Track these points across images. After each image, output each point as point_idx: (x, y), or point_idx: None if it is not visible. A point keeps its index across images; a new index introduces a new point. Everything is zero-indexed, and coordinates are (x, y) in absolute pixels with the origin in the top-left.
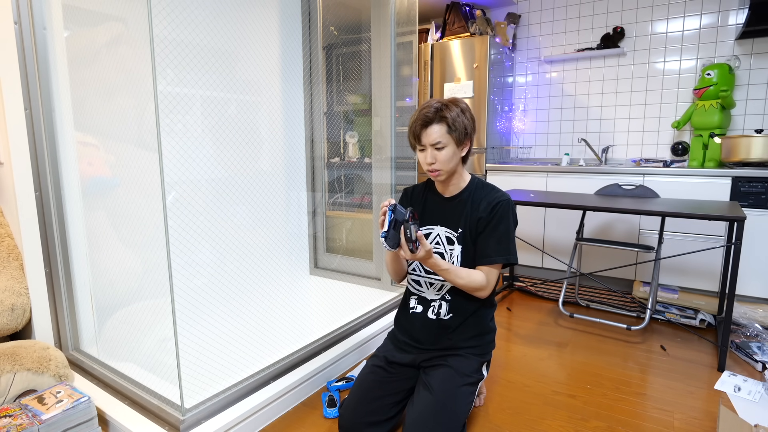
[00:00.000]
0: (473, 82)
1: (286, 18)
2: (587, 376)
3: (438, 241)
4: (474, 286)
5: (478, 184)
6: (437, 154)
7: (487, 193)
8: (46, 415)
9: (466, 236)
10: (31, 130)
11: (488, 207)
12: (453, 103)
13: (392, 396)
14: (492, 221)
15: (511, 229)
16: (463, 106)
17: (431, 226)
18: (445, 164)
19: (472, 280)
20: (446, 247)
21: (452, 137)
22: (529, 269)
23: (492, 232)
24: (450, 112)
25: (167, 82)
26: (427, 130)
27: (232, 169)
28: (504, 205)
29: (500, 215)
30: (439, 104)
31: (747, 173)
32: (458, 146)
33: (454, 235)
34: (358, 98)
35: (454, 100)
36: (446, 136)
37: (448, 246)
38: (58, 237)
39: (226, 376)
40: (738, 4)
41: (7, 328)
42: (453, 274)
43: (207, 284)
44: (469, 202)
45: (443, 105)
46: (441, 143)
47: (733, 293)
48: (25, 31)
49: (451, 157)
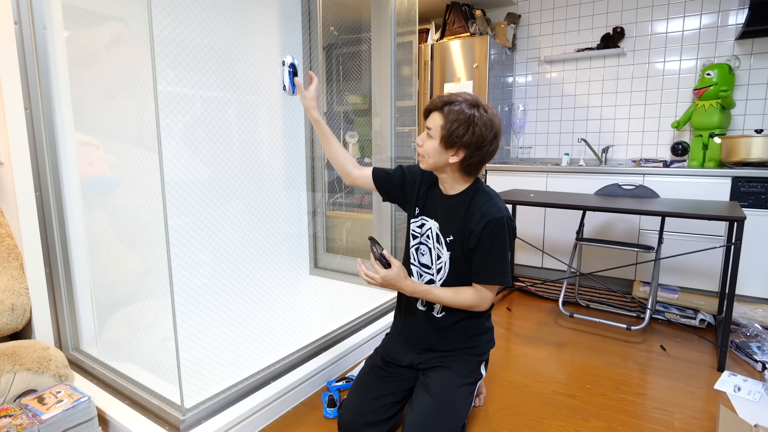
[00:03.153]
0: (473, 82)
1: (286, 18)
2: (587, 376)
3: (429, 234)
4: (466, 304)
5: (478, 190)
6: (426, 140)
7: (483, 203)
8: (46, 415)
9: (456, 245)
10: (31, 130)
11: (481, 222)
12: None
13: (391, 396)
14: (486, 241)
15: (506, 252)
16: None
17: (427, 217)
18: (427, 154)
19: (460, 299)
20: (434, 243)
21: (441, 134)
22: (529, 269)
23: (487, 254)
24: (458, 113)
25: (167, 82)
26: (433, 113)
27: (232, 169)
28: (498, 224)
29: (495, 235)
30: (456, 99)
31: (747, 173)
32: (443, 147)
33: (444, 241)
34: (358, 98)
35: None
36: (438, 129)
37: (437, 244)
38: (58, 237)
39: (226, 376)
40: (738, 4)
41: (7, 328)
42: (434, 295)
43: (207, 284)
44: (464, 208)
45: (461, 101)
46: (432, 132)
47: (732, 293)
48: (25, 31)
49: (433, 152)
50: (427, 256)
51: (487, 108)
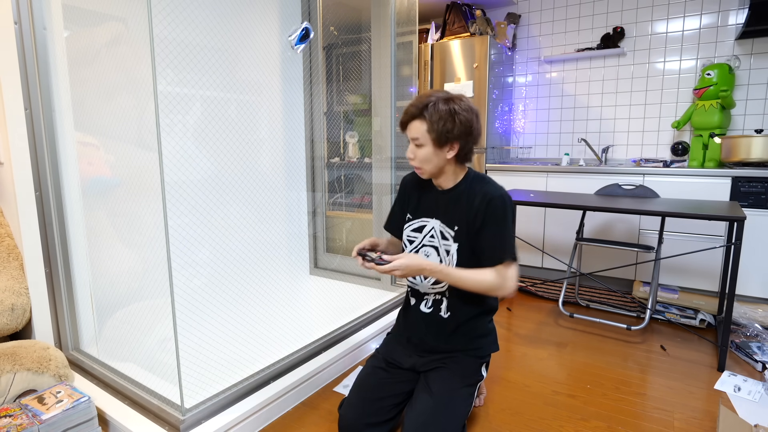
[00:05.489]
0: (473, 82)
1: (286, 18)
2: (587, 376)
3: (432, 234)
4: (487, 286)
5: (475, 177)
6: (417, 151)
7: (483, 186)
8: (46, 415)
9: (462, 233)
10: (31, 130)
11: (483, 201)
12: (447, 102)
13: (392, 398)
14: (491, 218)
15: (511, 229)
16: (456, 108)
17: (426, 218)
18: (424, 162)
19: (481, 279)
20: (440, 241)
21: (430, 137)
22: (529, 269)
23: (494, 233)
24: (436, 111)
25: (167, 82)
26: (410, 124)
27: (232, 169)
28: (500, 201)
29: (499, 213)
30: (429, 100)
31: (747, 173)
32: (438, 147)
33: (450, 234)
34: (358, 98)
35: (453, 98)
36: (425, 135)
37: (443, 241)
38: (58, 237)
39: (226, 376)
40: (738, 4)
41: (7, 328)
42: (456, 276)
43: (207, 284)
44: (465, 196)
45: (434, 101)
46: (419, 140)
47: (733, 293)
48: (25, 31)
49: (429, 157)
50: (434, 255)
51: (456, 97)
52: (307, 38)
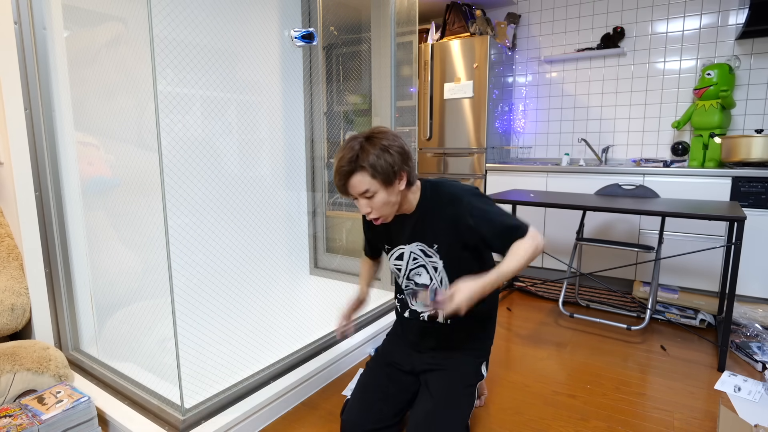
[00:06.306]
0: (473, 82)
1: (286, 18)
2: (587, 376)
3: (415, 256)
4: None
5: (431, 188)
6: (371, 203)
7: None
8: (46, 415)
9: (444, 246)
10: (31, 130)
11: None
12: (371, 141)
13: (394, 402)
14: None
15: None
16: (384, 142)
17: (401, 246)
18: (383, 208)
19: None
20: (425, 259)
21: (378, 181)
22: (529, 269)
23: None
24: (368, 156)
25: (167, 82)
26: (350, 182)
27: (232, 169)
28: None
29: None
30: (352, 152)
31: (747, 173)
32: (389, 186)
33: (432, 251)
34: (358, 98)
35: (373, 135)
36: (372, 182)
37: (427, 258)
38: (58, 237)
39: (226, 376)
40: (738, 4)
41: (7, 328)
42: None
43: (207, 284)
44: (432, 210)
45: (359, 151)
46: (368, 191)
47: (733, 293)
48: (25, 31)
49: (386, 200)
50: (425, 274)
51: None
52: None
